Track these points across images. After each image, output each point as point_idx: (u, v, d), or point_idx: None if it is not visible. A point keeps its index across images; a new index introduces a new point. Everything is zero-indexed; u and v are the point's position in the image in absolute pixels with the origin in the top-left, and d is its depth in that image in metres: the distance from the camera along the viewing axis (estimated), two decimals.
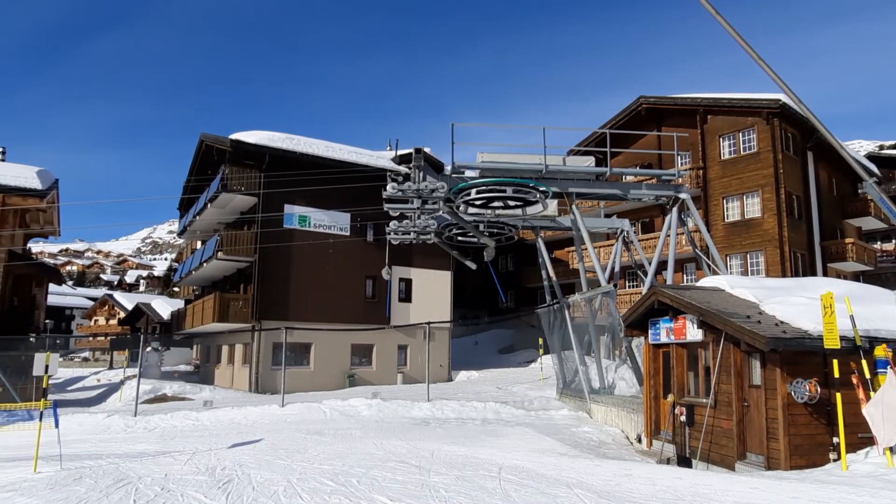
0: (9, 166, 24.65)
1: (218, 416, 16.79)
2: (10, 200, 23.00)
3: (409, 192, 14.09)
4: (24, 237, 27.67)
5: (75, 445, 12.96)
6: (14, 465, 11.28)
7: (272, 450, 11.22)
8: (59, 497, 8.32)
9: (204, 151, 28.83)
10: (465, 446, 11.49)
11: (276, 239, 25.44)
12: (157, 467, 9.95)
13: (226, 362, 29.20)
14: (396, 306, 28.72)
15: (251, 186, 25.64)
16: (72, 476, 9.75)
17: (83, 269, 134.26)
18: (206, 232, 31.02)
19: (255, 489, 7.92)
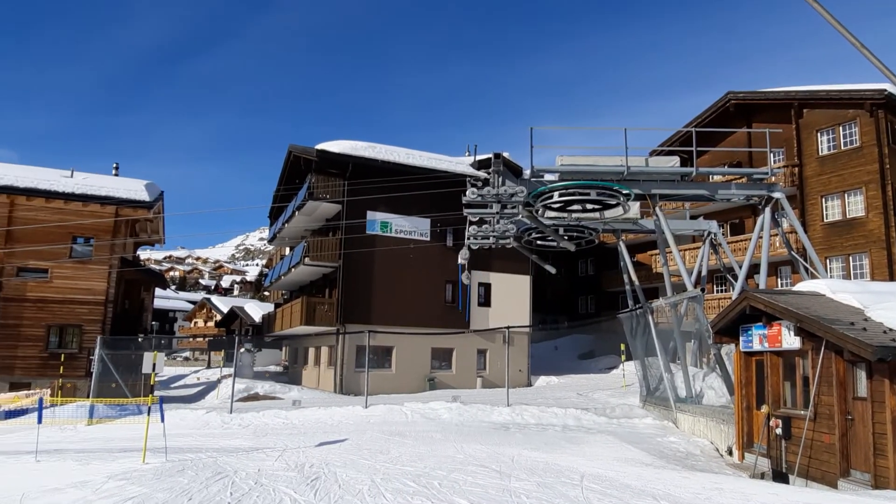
0: (121, 180, 26.87)
1: (305, 415, 17.48)
2: (123, 211, 25.05)
3: (489, 196, 14.15)
4: (133, 245, 30.03)
5: (178, 439, 13.87)
6: (125, 455, 12.25)
7: (356, 449, 11.58)
8: (164, 487, 8.97)
9: (292, 162, 30.17)
10: (545, 452, 11.39)
11: (359, 245, 26.22)
12: (251, 462, 10.51)
13: (312, 364, 30.34)
14: (476, 310, 28.84)
15: (336, 194, 26.56)
16: (175, 468, 10.48)
17: (184, 274, 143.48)
18: (294, 239, 32.44)
19: (341, 487, 8.22)
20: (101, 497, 8.69)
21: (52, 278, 24.13)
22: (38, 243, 23.84)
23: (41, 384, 22.11)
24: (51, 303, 24.04)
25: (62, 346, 24.05)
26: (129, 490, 8.93)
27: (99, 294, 24.58)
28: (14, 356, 23.44)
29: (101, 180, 26.08)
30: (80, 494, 8.91)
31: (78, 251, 24.66)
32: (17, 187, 23.80)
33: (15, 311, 23.62)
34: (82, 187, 24.78)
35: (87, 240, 24.83)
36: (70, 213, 24.37)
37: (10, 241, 23.72)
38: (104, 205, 24.67)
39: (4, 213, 23.83)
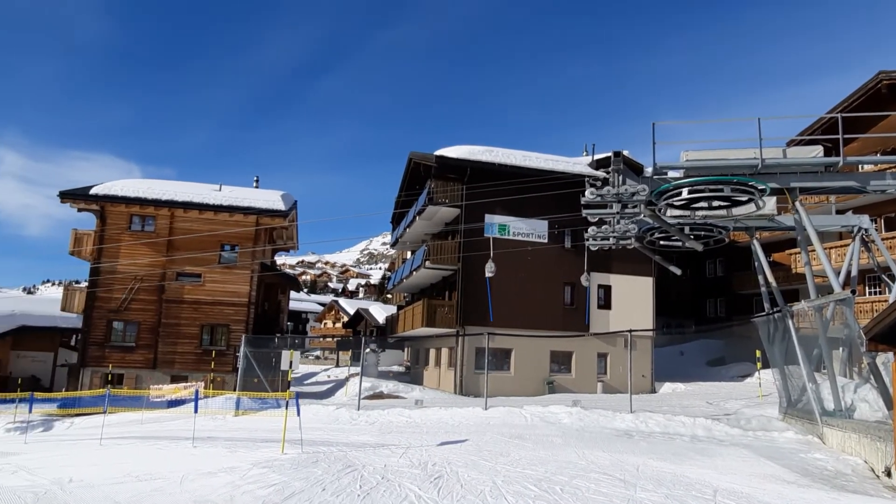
0: (261, 192, 29.29)
1: (427, 414, 17.98)
2: (262, 220, 27.31)
3: (608, 196, 13.78)
4: (271, 251, 32.56)
5: (311, 432, 14.84)
6: (267, 445, 13.32)
7: (477, 450, 11.76)
8: (301, 476, 9.67)
9: (413, 168, 31.20)
10: (672, 463, 10.90)
11: (477, 248, 26.56)
12: (378, 458, 11.03)
13: (433, 364, 31.11)
14: (595, 313, 28.13)
15: (454, 198, 27.10)
16: (310, 459, 11.24)
17: (315, 278, 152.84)
18: (415, 243, 33.48)
19: (463, 487, 8.41)
20: (247, 482, 9.55)
21: (205, 282, 26.83)
22: (193, 251, 26.61)
23: (196, 378, 24.59)
24: (203, 304, 26.74)
25: (213, 344, 26.65)
26: (270, 477, 9.73)
27: (243, 296, 26.96)
28: (174, 352, 26.34)
29: (244, 192, 28.61)
30: (230, 479, 9.84)
31: (225, 257, 27.23)
32: (176, 201, 26.75)
33: (175, 312, 26.54)
34: (228, 199, 27.33)
35: (233, 247, 27.36)
36: (219, 223, 26.98)
37: (170, 249, 26.72)
38: (246, 215, 27.04)
39: (166, 225, 26.88)
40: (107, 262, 26.30)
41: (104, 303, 26.14)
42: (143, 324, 26.37)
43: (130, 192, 26.73)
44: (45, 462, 12.72)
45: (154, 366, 26.10)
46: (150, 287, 26.45)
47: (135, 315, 26.31)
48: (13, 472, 11.83)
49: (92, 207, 26.59)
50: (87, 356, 25.88)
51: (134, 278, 26.27)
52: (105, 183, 27.14)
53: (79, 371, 25.96)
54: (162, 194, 26.88)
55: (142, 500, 8.84)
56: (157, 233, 26.79)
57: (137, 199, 26.50)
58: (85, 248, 26.51)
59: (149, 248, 26.63)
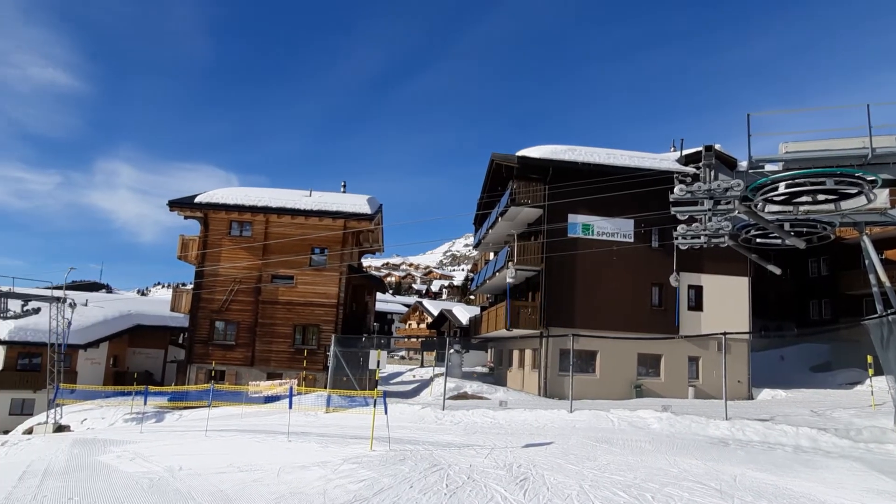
0: (348, 196, 30.35)
1: (512, 416, 17.96)
2: (349, 224, 28.30)
3: (699, 193, 13.26)
4: (358, 254, 33.63)
5: (398, 430, 15.20)
6: (356, 441, 13.79)
7: (563, 454, 11.64)
8: (389, 473, 9.95)
9: (494, 169, 31.25)
10: (773, 474, 10.32)
11: (560, 248, 26.23)
12: (463, 458, 11.16)
13: (517, 366, 30.98)
14: (685, 315, 27.00)
15: (537, 199, 26.90)
16: (397, 456, 11.54)
17: (399, 279, 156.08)
18: (498, 244, 33.50)
19: (549, 490, 8.37)
20: (339, 476, 9.94)
21: (297, 284, 28.13)
22: (286, 254, 27.98)
23: (290, 375, 25.85)
24: (296, 305, 28.03)
25: (305, 343, 27.89)
26: (360, 473, 10.08)
27: (332, 297, 28.03)
28: (270, 350, 27.78)
29: (332, 197, 29.74)
30: (322, 473, 10.28)
31: (315, 260, 28.43)
32: (270, 207, 28.24)
33: (270, 313, 27.99)
34: (318, 204, 28.53)
35: (322, 250, 28.51)
36: (309, 227, 28.21)
37: (266, 252, 28.23)
38: (335, 219, 28.11)
39: (262, 230, 28.44)
40: (209, 266, 28.16)
41: (207, 303, 27.98)
42: (242, 323, 27.98)
43: (230, 199, 28.48)
44: (158, 451, 13.80)
45: (252, 363, 27.63)
46: (248, 289, 28.04)
47: (234, 315, 27.99)
48: (131, 458, 12.92)
49: (196, 215, 28.56)
50: (193, 353, 27.80)
51: (233, 280, 27.95)
52: (207, 192, 29.06)
53: (186, 367, 27.92)
54: (257, 201, 28.45)
55: (244, 490, 9.41)
56: (254, 237, 28.39)
57: (236, 206, 28.19)
58: (190, 252, 28.52)
59: (246, 251, 28.25)
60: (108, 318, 32.21)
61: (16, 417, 27.25)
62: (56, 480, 10.87)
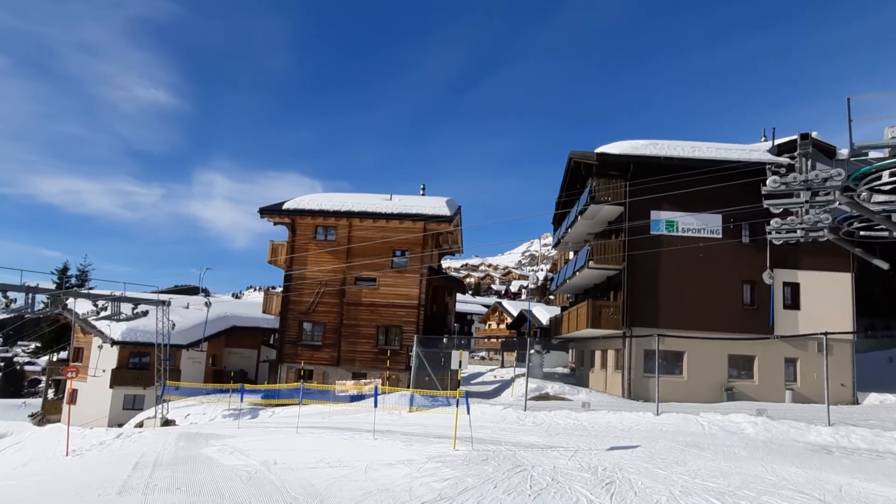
0: (427, 199, 30.85)
1: (595, 417, 17.66)
2: (429, 226, 28.74)
3: (795, 184, 12.52)
4: (438, 256, 34.08)
5: (480, 430, 15.30)
6: (439, 441, 14.01)
7: (650, 457, 11.34)
8: (472, 473, 10.06)
9: (573, 167, 30.78)
10: (884, 485, 9.60)
11: (643, 246, 25.48)
12: (546, 459, 11.11)
13: (599, 367, 30.35)
14: (781, 314, 25.48)
15: (617, 196, 26.28)
16: (480, 456, 11.64)
17: (478, 280, 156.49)
18: (577, 243, 32.97)
19: (637, 494, 8.20)
20: (423, 475, 10.15)
21: (379, 286, 28.88)
22: (368, 257, 28.80)
23: (374, 375, 26.60)
24: (379, 306, 28.78)
25: (387, 344, 28.58)
26: (444, 472, 10.25)
27: (413, 299, 28.57)
28: (355, 350, 28.68)
29: (412, 200, 30.32)
30: (407, 471, 10.54)
31: (397, 262, 29.08)
32: (353, 212, 29.16)
33: (354, 314, 28.90)
34: (398, 207, 29.17)
35: (403, 252, 29.13)
36: (390, 230, 28.91)
37: (349, 256, 29.18)
38: (415, 221, 28.63)
39: (345, 234, 29.43)
40: (297, 270, 29.42)
41: (296, 305, 29.25)
42: (328, 325, 29.03)
43: (315, 205, 29.65)
44: (254, 445, 14.60)
45: (338, 363, 28.61)
46: (333, 291, 29.06)
47: (321, 317, 29.10)
48: (230, 452, 13.76)
49: (284, 221, 29.93)
50: (283, 353, 29.13)
51: (320, 283, 29.06)
52: (294, 198, 30.38)
53: (277, 366, 29.30)
54: (341, 206, 29.44)
55: (333, 485, 9.80)
56: (338, 241, 29.40)
57: (321, 211, 29.31)
58: (280, 257, 29.92)
59: (331, 255, 29.30)
60: (207, 320, 34.34)
61: (128, 412, 29.58)
62: (164, 471, 11.75)
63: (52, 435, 20.36)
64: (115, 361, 30.94)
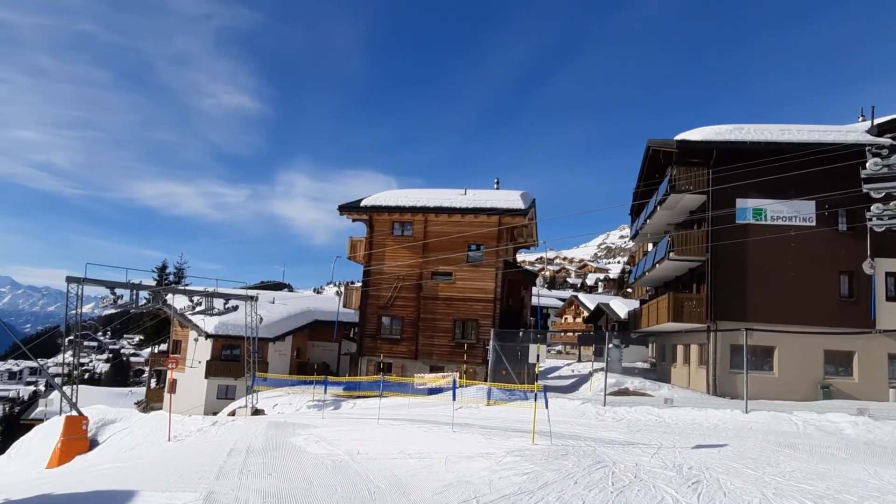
0: (501, 193, 30.83)
1: (679, 414, 17.13)
2: (504, 220, 28.73)
3: None
4: (513, 249, 33.98)
5: (558, 425, 15.21)
6: (517, 434, 14.04)
7: (739, 457, 10.92)
8: (552, 468, 10.05)
9: (651, 156, 29.83)
10: None
11: (728, 236, 24.37)
12: (627, 456, 10.92)
13: (681, 362, 29.34)
14: (884, 307, 23.68)
15: (699, 185, 25.27)
16: (559, 451, 11.59)
17: (553, 274, 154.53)
18: (657, 234, 31.95)
19: (726, 495, 7.94)
20: (503, 468, 10.24)
21: (455, 280, 29.16)
22: (444, 251, 29.13)
23: (451, 368, 26.91)
24: (455, 300, 29.08)
25: (464, 337, 28.84)
26: (523, 466, 10.29)
27: (489, 293, 28.66)
28: (432, 344, 29.13)
29: (486, 194, 30.38)
30: (487, 464, 10.66)
31: (472, 256, 29.25)
32: (428, 207, 29.58)
33: (431, 308, 29.34)
34: (473, 202, 29.32)
35: (478, 246, 29.27)
36: (465, 224, 29.12)
37: (425, 250, 29.63)
38: (489, 215, 28.68)
39: (421, 229, 29.90)
40: (375, 265, 30.18)
41: (374, 300, 30.02)
42: (406, 318, 29.62)
43: (391, 201, 30.30)
44: (338, 435, 15.17)
45: (416, 356, 29.15)
46: (410, 285, 29.60)
47: (399, 311, 29.73)
48: (316, 441, 14.36)
49: (362, 217, 30.75)
50: (363, 347, 30.00)
51: (397, 278, 29.69)
52: (371, 195, 31.15)
53: (357, 359, 30.22)
54: (416, 201, 29.93)
55: (415, 476, 10.06)
56: (414, 236, 29.90)
57: (397, 207, 29.91)
58: (358, 252, 30.80)
59: (408, 250, 29.86)
60: (292, 314, 35.85)
61: (221, 401, 31.40)
62: (257, 457, 12.43)
63: (155, 421, 21.92)
64: (209, 353, 32.87)
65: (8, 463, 22.05)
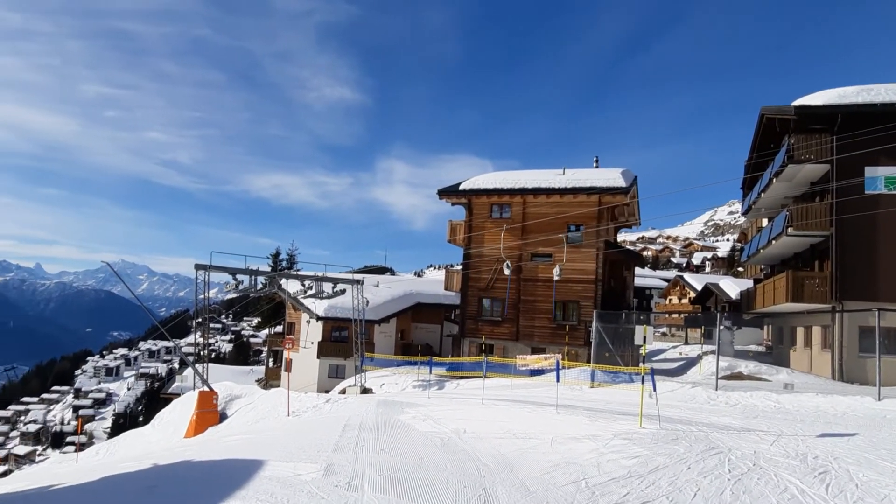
0: (601, 171, 30.06)
1: (800, 400, 16.13)
2: (604, 199, 28.02)
3: None
4: (614, 229, 33.11)
5: (667, 409, 14.79)
6: (624, 417, 13.83)
7: (871, 447, 10.16)
8: (662, 452, 9.84)
9: (765, 125, 27.85)
10: None
11: (855, 208, 22.36)
12: (744, 443, 10.46)
13: (801, 345, 27.42)
14: None
15: (821, 154, 23.32)
16: (669, 436, 11.31)
17: (656, 253, 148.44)
18: (772, 209, 29.90)
19: (858, 487, 7.45)
20: (610, 451, 10.16)
21: (555, 261, 28.86)
22: (543, 233, 28.89)
23: (552, 350, 26.78)
24: (555, 282, 28.81)
25: (565, 319, 28.55)
26: (631, 449, 10.15)
27: (590, 274, 28.14)
28: (532, 326, 29.09)
29: (585, 174, 29.71)
30: (594, 446, 10.61)
31: (572, 237, 28.80)
32: (526, 188, 29.41)
33: (531, 290, 29.27)
34: (571, 182, 28.79)
35: (578, 227, 28.75)
36: (564, 205, 28.68)
37: (524, 232, 29.53)
38: (589, 195, 28.06)
39: (520, 211, 29.80)
40: (475, 248, 30.48)
41: (475, 282, 30.37)
42: (506, 301, 29.76)
43: (489, 184, 30.39)
44: (444, 414, 15.62)
45: (517, 338, 29.26)
46: (510, 267, 29.64)
47: (499, 293, 29.91)
48: (423, 419, 14.88)
49: (461, 201, 31.09)
50: (465, 328, 30.50)
51: (497, 260, 29.85)
52: (469, 179, 31.39)
53: (459, 341, 30.78)
54: (514, 183, 29.82)
55: (522, 456, 10.22)
56: (513, 218, 29.85)
57: (496, 189, 29.96)
58: (458, 236, 31.22)
59: (507, 232, 29.87)
60: (395, 297, 37.05)
61: (332, 380, 33.17)
62: (369, 433, 13.10)
63: (275, 397, 23.58)
64: (320, 335, 34.74)
65: (153, 432, 24.63)
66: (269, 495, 8.21)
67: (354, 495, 8.07)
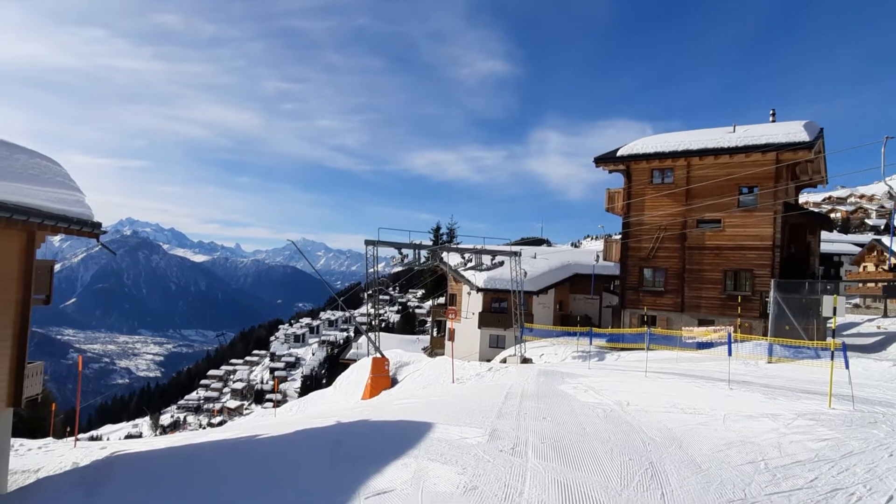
0: (779, 126, 27.06)
1: None
2: (783, 157, 25.23)
3: None
4: (795, 189, 29.82)
5: (862, 389, 13.30)
6: (808, 396, 12.70)
7: None
8: (857, 436, 8.94)
9: None
10: None
11: None
12: None
13: None
14: None
15: None
16: (866, 418, 10.21)
17: (847, 215, 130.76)
18: None
19: None
20: (793, 432, 9.44)
21: (724, 227, 26.72)
22: (710, 197, 26.86)
23: (721, 322, 24.99)
24: (724, 250, 26.72)
25: (736, 289, 26.42)
26: (819, 431, 9.35)
27: (766, 240, 25.67)
28: (699, 297, 27.35)
29: (760, 129, 26.89)
30: (773, 425, 9.92)
31: (743, 201, 26.38)
32: (690, 150, 27.40)
33: (697, 258, 27.47)
34: (743, 139, 26.25)
35: (751, 189, 26.23)
36: (734, 165, 26.30)
37: (689, 198, 27.67)
38: (764, 153, 25.42)
39: (683, 175, 27.91)
40: (635, 216, 29.21)
41: (635, 252, 29.20)
42: (669, 270, 28.25)
43: (649, 148, 28.77)
44: (606, 386, 15.45)
45: (681, 309, 27.74)
46: (673, 236, 28.04)
47: (661, 262, 28.47)
48: (584, 390, 14.86)
49: (619, 168, 29.87)
50: (625, 299, 29.57)
51: (658, 228, 28.37)
52: (628, 144, 29.98)
53: (620, 312, 29.94)
54: (677, 146, 27.94)
55: (690, 432, 9.87)
56: (676, 183, 28.07)
57: (656, 153, 28.32)
58: (616, 204, 30.11)
59: (669, 198, 28.21)
60: (552, 269, 36.85)
61: (493, 349, 34.07)
62: (530, 402, 13.40)
63: (441, 365, 24.87)
64: (480, 306, 35.76)
65: (334, 392, 27.31)
66: (440, 455, 8.84)
67: (519, 461, 8.41)
